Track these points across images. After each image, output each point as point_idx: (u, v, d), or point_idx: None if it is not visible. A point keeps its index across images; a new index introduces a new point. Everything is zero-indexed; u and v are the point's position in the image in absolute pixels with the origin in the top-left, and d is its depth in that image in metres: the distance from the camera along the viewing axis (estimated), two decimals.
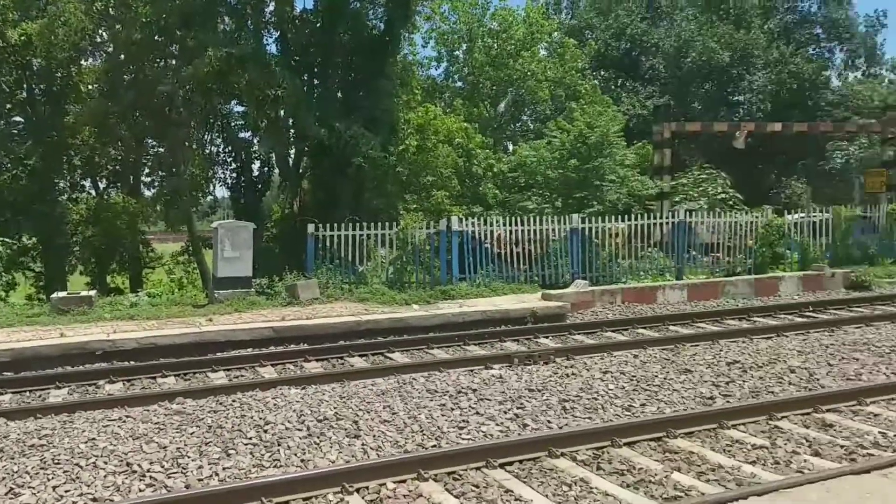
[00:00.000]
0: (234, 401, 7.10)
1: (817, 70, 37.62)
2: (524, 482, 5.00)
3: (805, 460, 5.30)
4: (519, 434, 5.94)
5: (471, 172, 18.82)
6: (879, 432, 5.88)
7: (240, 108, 22.13)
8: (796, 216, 17.83)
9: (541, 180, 18.50)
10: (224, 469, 5.29)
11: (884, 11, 40.01)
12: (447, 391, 7.32)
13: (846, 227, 17.28)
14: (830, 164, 35.13)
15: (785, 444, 5.67)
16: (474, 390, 7.34)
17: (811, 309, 12.60)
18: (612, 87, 36.33)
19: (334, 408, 6.72)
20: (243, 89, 18.64)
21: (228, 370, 8.82)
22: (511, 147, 25.68)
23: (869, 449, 5.49)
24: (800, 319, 11.64)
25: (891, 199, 20.00)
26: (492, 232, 15.03)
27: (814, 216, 17.40)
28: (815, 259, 16.24)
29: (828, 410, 6.50)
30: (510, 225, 15.02)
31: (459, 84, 27.16)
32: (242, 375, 8.68)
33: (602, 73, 37.36)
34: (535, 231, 15.07)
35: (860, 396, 6.84)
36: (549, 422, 6.31)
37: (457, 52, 26.64)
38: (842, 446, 5.57)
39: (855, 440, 5.72)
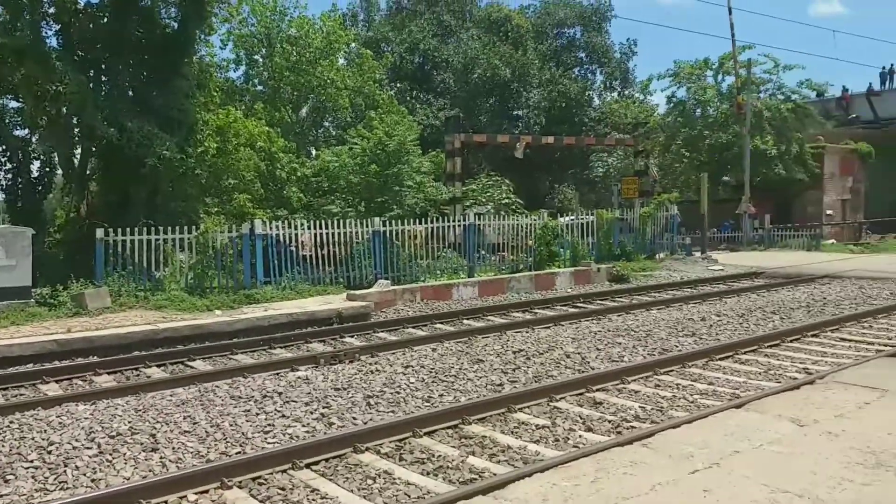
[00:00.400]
0: (11, 422, 6.56)
1: (581, 90, 41.81)
2: (330, 479, 5.10)
3: (580, 436, 5.95)
4: (324, 433, 6.05)
5: (274, 176, 18.65)
6: (639, 406, 6.84)
7: (16, 104, 20.01)
8: (568, 219, 19.79)
9: (344, 185, 18.86)
10: (1, 497, 4.90)
11: (634, 41, 45.30)
12: (252, 396, 7.30)
13: (608, 227, 19.50)
14: (594, 173, 39.14)
15: (563, 422, 6.33)
16: (280, 393, 7.39)
17: (582, 300, 14.20)
18: (408, 98, 37.64)
19: (129, 422, 6.44)
20: (19, 83, 16.93)
21: (4, 389, 8.10)
22: (314, 152, 25.71)
23: (632, 422, 6.31)
24: (573, 310, 13.04)
25: (643, 203, 22.87)
26: (296, 235, 15.11)
27: (582, 218, 19.44)
28: (583, 256, 18.19)
29: (597, 390, 7.44)
30: (315, 228, 15.21)
31: (260, 88, 26.71)
32: (22, 394, 7.99)
33: (398, 84, 38.57)
34: (339, 234, 15.38)
35: (623, 376, 7.91)
36: (354, 418, 6.52)
37: (256, 56, 26.19)
38: (610, 421, 6.35)
39: (620, 415, 6.54)
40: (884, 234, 33.11)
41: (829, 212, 32.62)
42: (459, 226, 16.99)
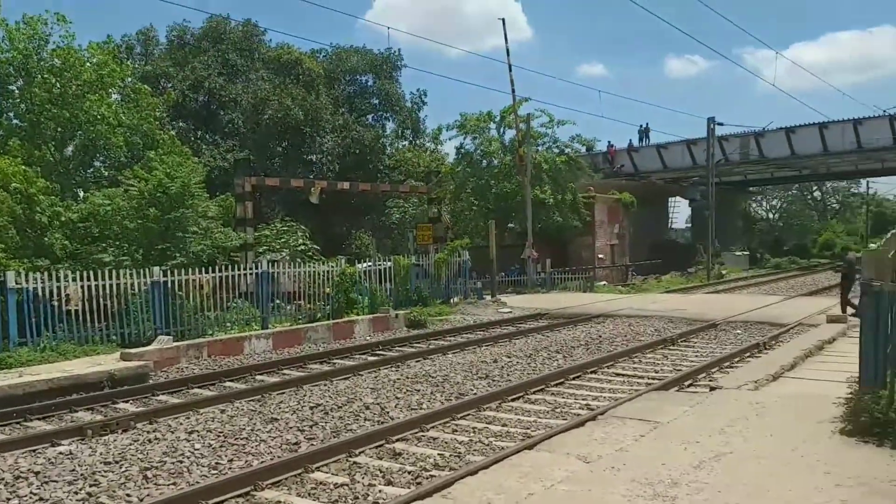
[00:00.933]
0: None
1: (375, 137, 42.62)
2: None
3: (380, 491, 5.84)
4: None
5: (33, 221, 16.55)
6: (438, 454, 6.87)
7: None
8: (366, 265, 19.81)
9: (118, 231, 17.26)
10: None
11: (424, 91, 47.16)
12: (2, 479, 6.38)
13: (405, 273, 19.78)
14: (391, 220, 39.78)
15: (363, 478, 6.19)
16: (37, 473, 6.53)
17: (381, 348, 14.15)
18: (192, 138, 35.86)
19: None
20: None
21: None
22: (82, 194, 23.35)
23: (431, 471, 6.30)
24: (372, 358, 12.94)
25: (437, 249, 23.56)
26: (60, 288, 13.48)
27: (380, 265, 19.55)
28: (382, 303, 18.23)
29: (397, 440, 7.38)
30: (83, 280, 13.67)
31: (16, 122, 23.84)
32: None
33: (181, 123, 36.64)
34: (112, 286, 13.94)
35: (422, 424, 7.93)
36: (128, 495, 5.92)
37: (11, 87, 23.42)
38: (409, 472, 6.29)
39: (420, 465, 6.52)
40: (646, 275, 36.94)
41: (600, 256, 35.87)
42: (251, 274, 16.27)
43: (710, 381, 9.59)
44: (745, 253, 48.91)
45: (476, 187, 32.74)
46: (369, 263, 19.88)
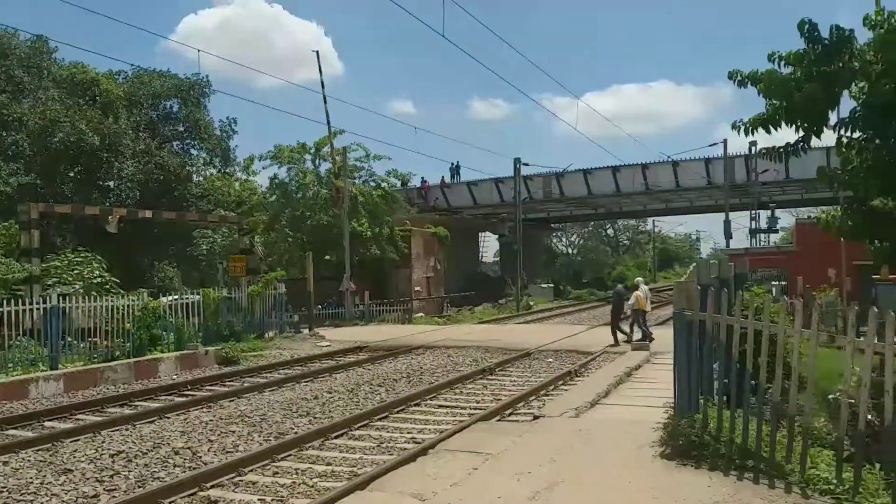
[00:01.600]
0: None
1: (181, 164, 40.37)
2: None
3: None
4: None
5: None
6: (258, 500, 6.41)
7: None
8: (171, 298, 18.43)
9: None
10: None
11: (234, 119, 45.54)
12: None
13: (215, 307, 18.66)
14: (198, 251, 37.68)
15: None
16: None
17: (189, 387, 13.12)
18: None
19: None
20: None
21: None
22: None
23: None
24: (180, 399, 11.94)
25: (250, 281, 22.56)
26: None
27: (187, 298, 18.28)
28: (190, 338, 17.02)
29: (212, 487, 6.78)
30: None
31: None
32: None
33: None
34: None
35: (239, 467, 7.37)
36: None
37: None
38: None
39: None
40: (460, 306, 37.97)
41: (417, 288, 36.38)
42: (38, 309, 14.48)
43: (533, 409, 9.87)
44: (550, 285, 51.95)
45: (291, 218, 31.99)
46: (175, 297, 18.53)
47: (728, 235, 39.25)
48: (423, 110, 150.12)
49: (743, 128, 11.53)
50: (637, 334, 17.76)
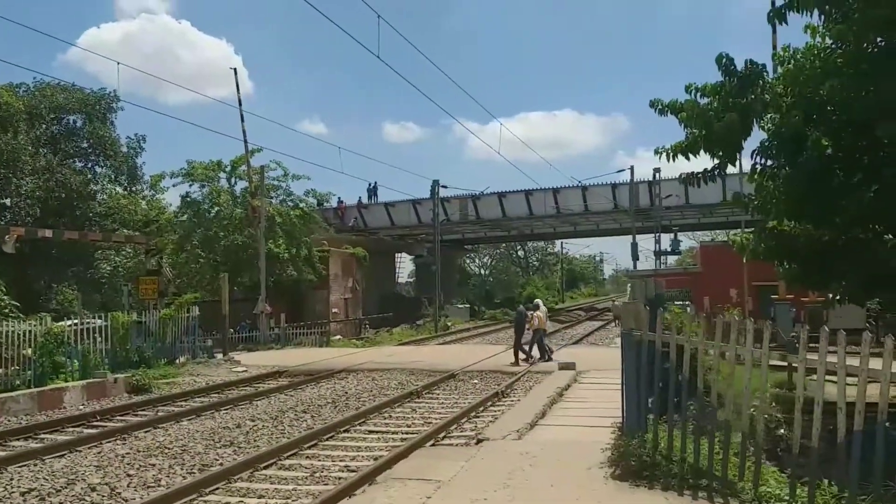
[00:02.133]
0: None
1: (85, 182, 38.43)
2: None
3: None
4: None
5: None
6: None
7: None
8: (72, 323, 17.37)
9: None
10: None
11: (143, 136, 43.69)
12: None
13: (125, 332, 17.70)
14: (100, 272, 35.83)
15: None
16: None
17: (99, 418, 12.31)
18: None
19: None
20: None
21: None
22: None
23: None
24: (91, 431, 11.18)
25: (156, 304, 21.57)
26: None
27: (93, 323, 17.26)
28: (97, 366, 16.01)
29: None
30: None
31: None
32: None
33: None
34: None
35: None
36: None
37: None
38: None
39: None
40: (378, 328, 37.58)
41: (334, 310, 35.74)
42: None
43: (467, 432, 9.77)
44: (466, 306, 52.27)
45: (203, 238, 30.84)
46: (77, 321, 17.45)
47: (635, 257, 40.61)
48: (335, 131, 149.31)
49: (665, 154, 12.00)
50: (537, 352, 18.48)
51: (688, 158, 11.71)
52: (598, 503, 5.13)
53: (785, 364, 7.43)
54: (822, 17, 10.22)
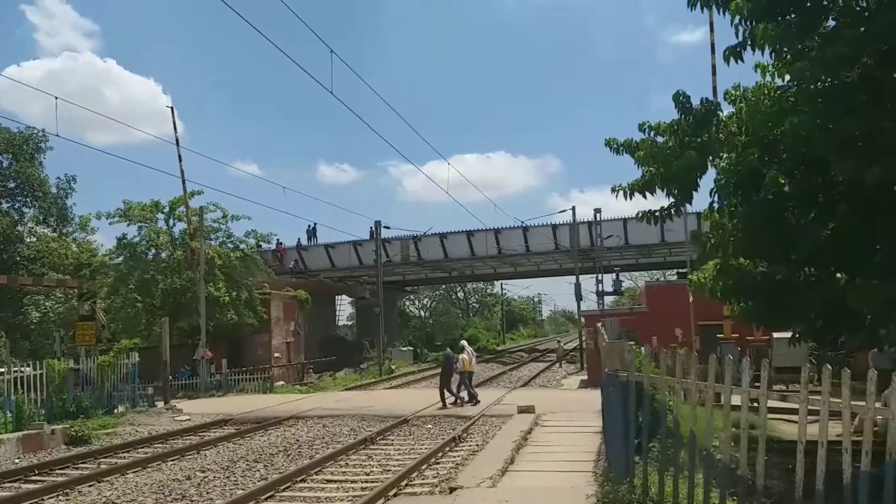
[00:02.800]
0: None
1: (11, 224, 36.91)
2: None
3: None
4: None
5: None
6: None
7: None
8: (2, 371, 16.49)
9: None
10: None
11: (73, 176, 42.31)
12: None
13: (60, 380, 16.88)
14: (29, 319, 34.20)
15: None
16: None
17: (38, 472, 11.62)
18: None
19: None
20: None
21: None
22: None
23: None
24: (31, 486, 10.54)
25: (89, 351, 20.65)
26: None
27: (28, 371, 16.41)
28: (31, 416, 15.19)
29: None
30: None
31: None
32: None
33: None
34: None
35: None
36: None
37: None
38: None
39: None
40: (320, 372, 36.87)
41: (276, 354, 34.89)
42: None
43: (436, 479, 9.60)
44: (410, 348, 51.87)
45: (140, 282, 29.83)
46: (15, 370, 16.56)
47: (579, 297, 41.26)
48: (268, 172, 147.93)
49: (622, 191, 12.25)
50: (464, 394, 18.88)
51: (644, 196, 11.95)
52: None
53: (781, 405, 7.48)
54: (773, 55, 10.66)
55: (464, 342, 21.35)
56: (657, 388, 6.07)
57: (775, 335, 21.75)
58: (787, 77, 10.91)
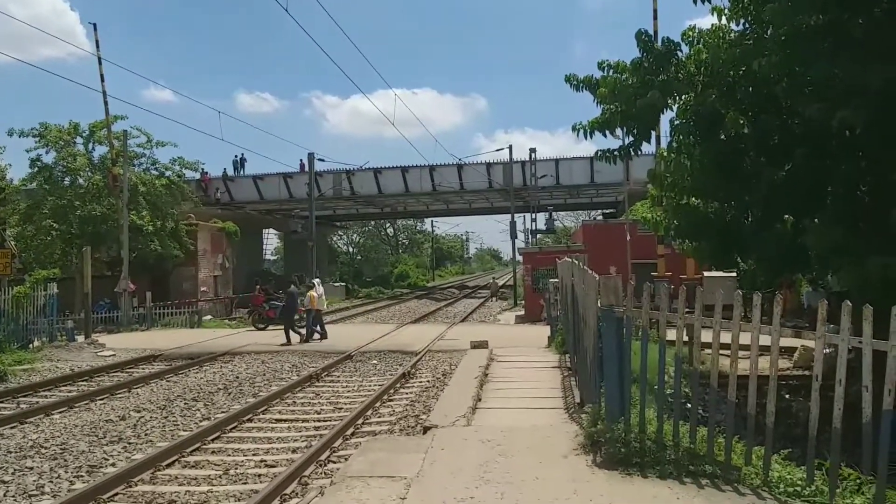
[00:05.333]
0: None
1: None
2: None
3: None
4: None
5: None
6: None
7: None
8: None
9: None
10: None
11: None
12: None
13: None
14: None
15: None
16: None
17: None
18: None
19: None
20: None
21: None
22: None
23: None
24: None
25: (11, 281, 19.14)
26: None
27: None
28: None
29: None
30: None
31: None
32: None
33: None
34: None
35: None
36: None
37: None
38: None
39: None
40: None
41: (203, 288, 33.50)
42: None
43: (393, 416, 9.14)
44: (342, 284, 51.11)
45: (56, 208, 27.77)
46: None
47: (513, 235, 41.23)
48: (182, 100, 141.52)
49: (582, 130, 11.85)
50: (308, 331, 18.70)
51: (604, 135, 11.64)
52: (600, 495, 4.68)
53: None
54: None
55: (315, 280, 21.03)
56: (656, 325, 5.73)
57: (706, 274, 22.22)
58: (743, 21, 10.75)
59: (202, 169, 43.06)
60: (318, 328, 18.95)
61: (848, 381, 4.52)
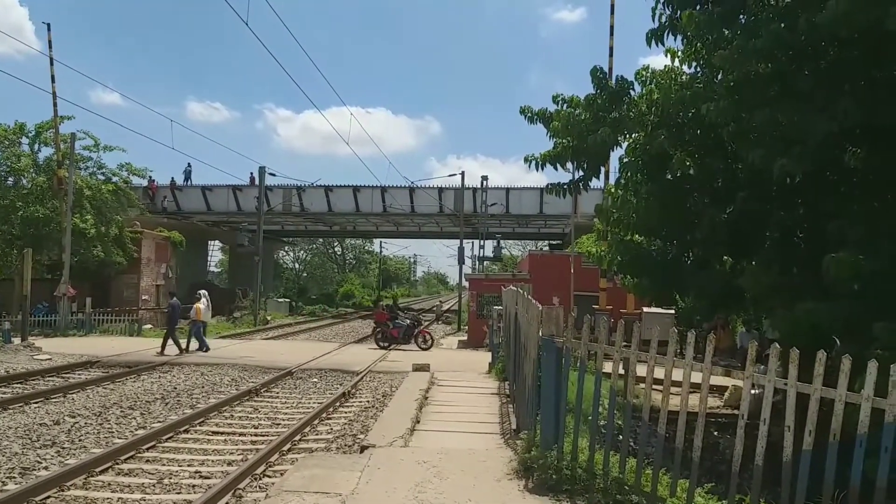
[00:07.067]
0: None
1: None
2: None
3: None
4: None
5: None
6: None
7: None
8: None
9: None
10: None
11: None
12: None
13: None
14: None
15: None
16: None
17: None
18: None
19: None
20: None
21: None
22: None
23: None
24: None
25: None
26: None
27: None
28: None
29: None
30: None
31: None
32: None
33: None
34: None
35: None
36: None
37: None
38: None
39: None
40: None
41: (145, 297, 32.88)
42: None
43: (330, 435, 9.31)
44: (286, 300, 50.67)
45: None
46: None
47: (461, 261, 41.66)
48: (131, 105, 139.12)
49: (534, 162, 12.27)
50: (194, 344, 19.47)
51: (556, 168, 12.06)
52: None
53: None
54: (685, 42, 10.91)
55: (202, 292, 21.25)
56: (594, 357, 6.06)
57: (645, 310, 22.89)
58: (695, 65, 11.30)
59: (150, 176, 42.44)
60: (198, 339, 19.60)
61: (773, 420, 4.78)
